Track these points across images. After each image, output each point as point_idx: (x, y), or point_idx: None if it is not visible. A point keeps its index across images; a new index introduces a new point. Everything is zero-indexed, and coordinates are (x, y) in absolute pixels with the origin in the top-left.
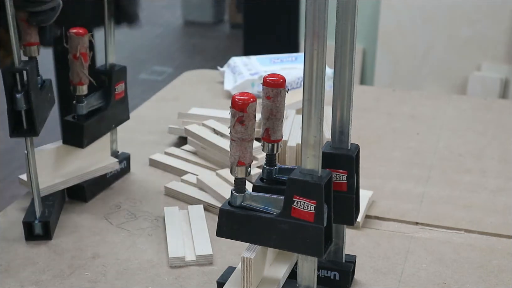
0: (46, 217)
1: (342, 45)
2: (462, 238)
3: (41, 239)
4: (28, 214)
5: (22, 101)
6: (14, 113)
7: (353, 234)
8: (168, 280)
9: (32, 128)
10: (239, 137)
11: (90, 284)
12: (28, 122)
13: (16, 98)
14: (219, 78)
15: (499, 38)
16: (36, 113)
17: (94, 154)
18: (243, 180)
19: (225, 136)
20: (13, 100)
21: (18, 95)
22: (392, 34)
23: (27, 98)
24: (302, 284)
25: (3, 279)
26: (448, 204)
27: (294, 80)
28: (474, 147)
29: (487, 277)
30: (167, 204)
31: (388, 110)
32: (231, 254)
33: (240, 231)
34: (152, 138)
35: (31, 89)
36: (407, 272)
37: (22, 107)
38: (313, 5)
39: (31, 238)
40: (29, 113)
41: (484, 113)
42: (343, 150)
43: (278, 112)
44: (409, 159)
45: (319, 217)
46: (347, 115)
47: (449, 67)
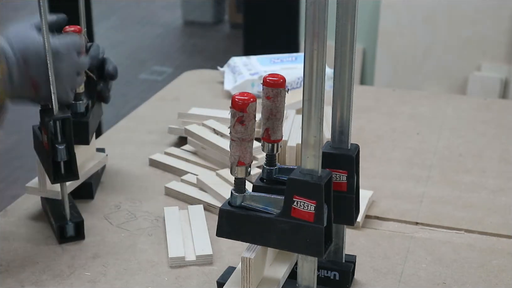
0: (76, 217)
1: (342, 45)
2: (462, 238)
3: (74, 240)
4: (57, 218)
5: (63, 153)
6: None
7: (353, 234)
8: (168, 280)
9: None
10: (239, 137)
11: (90, 284)
12: (67, 170)
13: (57, 149)
14: (219, 78)
15: (499, 38)
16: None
17: (84, 152)
18: (243, 180)
19: (225, 136)
20: (54, 152)
21: (60, 147)
22: (392, 34)
23: (68, 149)
24: (302, 284)
25: (3, 279)
26: (448, 204)
27: (294, 80)
28: (474, 147)
29: (487, 277)
30: (167, 204)
31: (388, 110)
32: (231, 254)
33: (240, 231)
34: (152, 138)
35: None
36: (407, 272)
37: (63, 159)
38: (313, 5)
39: (64, 240)
40: (69, 163)
41: (484, 113)
42: (343, 150)
43: (278, 112)
44: (409, 159)
45: (319, 217)
46: (347, 115)
47: (449, 67)
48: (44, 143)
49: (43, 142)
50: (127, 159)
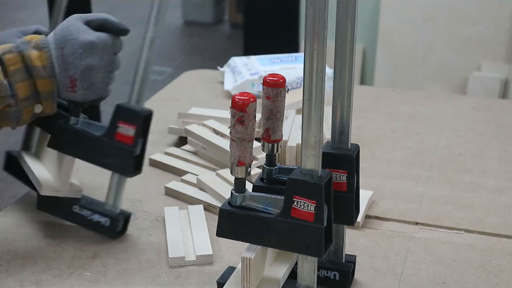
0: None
1: (342, 45)
2: (462, 238)
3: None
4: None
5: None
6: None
7: (353, 234)
8: (168, 280)
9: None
10: (239, 137)
11: (90, 284)
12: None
13: (138, 143)
14: (219, 78)
15: (499, 38)
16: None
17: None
18: (243, 180)
19: (225, 136)
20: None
21: (140, 140)
22: (392, 34)
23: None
24: (302, 284)
25: (3, 279)
26: (448, 204)
27: (294, 80)
28: (474, 147)
29: (487, 277)
30: (167, 204)
31: (388, 110)
32: (231, 254)
33: (240, 231)
34: (152, 138)
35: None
36: (407, 272)
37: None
38: (313, 5)
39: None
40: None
41: (484, 113)
42: (343, 150)
43: (278, 112)
44: (409, 159)
45: (319, 217)
46: (347, 115)
47: (449, 67)
48: (127, 137)
49: (127, 136)
50: None
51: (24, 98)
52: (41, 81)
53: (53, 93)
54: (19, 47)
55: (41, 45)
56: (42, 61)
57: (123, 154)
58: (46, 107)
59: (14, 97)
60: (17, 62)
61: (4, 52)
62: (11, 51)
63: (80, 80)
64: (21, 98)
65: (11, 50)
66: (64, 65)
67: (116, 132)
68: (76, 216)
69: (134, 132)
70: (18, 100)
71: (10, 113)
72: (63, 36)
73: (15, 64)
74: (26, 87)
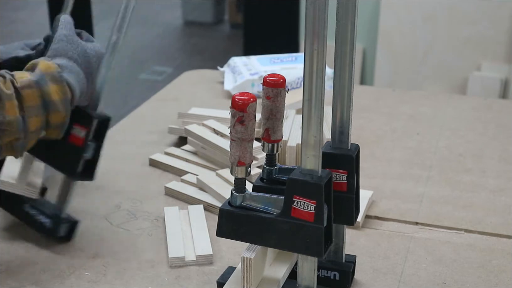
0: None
1: (342, 45)
2: (462, 238)
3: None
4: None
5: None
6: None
7: (353, 234)
8: (168, 280)
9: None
10: (239, 137)
11: (90, 284)
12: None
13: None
14: (219, 78)
15: (499, 38)
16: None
17: None
18: (243, 180)
19: (225, 136)
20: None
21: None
22: (392, 34)
23: (97, 149)
24: (302, 284)
25: (3, 279)
26: (448, 204)
27: (294, 80)
28: (474, 147)
29: (487, 277)
30: (167, 204)
31: (388, 110)
32: (231, 254)
33: (240, 231)
34: (152, 138)
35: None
36: (407, 272)
37: (87, 156)
38: (313, 5)
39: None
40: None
41: (484, 113)
42: (343, 150)
43: (278, 112)
44: (409, 159)
45: (319, 217)
46: (347, 115)
47: (449, 67)
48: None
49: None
50: (127, 159)
51: (34, 130)
52: (56, 114)
53: (63, 124)
54: (39, 82)
55: (58, 78)
56: (59, 95)
57: (72, 155)
58: (52, 133)
59: (25, 131)
60: (36, 98)
61: (23, 86)
62: (30, 86)
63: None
64: (31, 131)
65: (30, 84)
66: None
67: (70, 133)
68: (25, 214)
69: (85, 133)
70: (27, 133)
71: (17, 145)
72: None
73: (33, 100)
74: (39, 121)
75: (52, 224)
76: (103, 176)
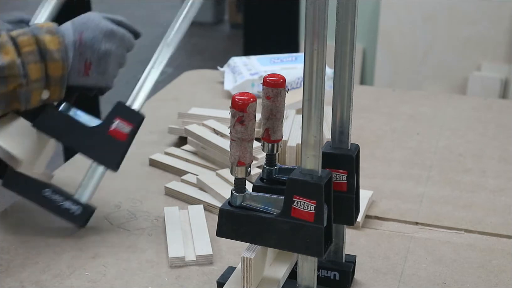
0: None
1: (342, 45)
2: (462, 238)
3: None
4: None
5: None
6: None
7: (353, 234)
8: (168, 280)
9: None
10: (239, 137)
11: (90, 284)
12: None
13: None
14: (219, 78)
15: (499, 38)
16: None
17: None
18: (243, 180)
19: (225, 136)
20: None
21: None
22: (392, 34)
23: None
24: (302, 284)
25: (3, 279)
26: (448, 204)
27: (294, 80)
28: (474, 147)
29: (487, 277)
30: (167, 204)
31: (388, 110)
32: (231, 254)
33: (240, 231)
34: (152, 138)
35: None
36: (407, 272)
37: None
38: (313, 5)
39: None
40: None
41: (484, 113)
42: (343, 150)
43: (278, 112)
44: (409, 159)
45: (319, 217)
46: (347, 115)
47: (449, 67)
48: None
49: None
50: (127, 159)
51: (35, 80)
52: (53, 64)
53: (63, 78)
54: (33, 31)
55: (54, 30)
56: (55, 45)
57: (114, 149)
58: (54, 93)
59: (26, 78)
60: (31, 44)
61: (18, 34)
62: (25, 33)
63: (96, 64)
64: (32, 79)
65: (25, 32)
66: (80, 48)
67: (111, 126)
68: (45, 200)
69: (129, 130)
70: (30, 81)
71: (21, 94)
72: (84, 23)
73: (29, 46)
74: (38, 69)
75: (82, 210)
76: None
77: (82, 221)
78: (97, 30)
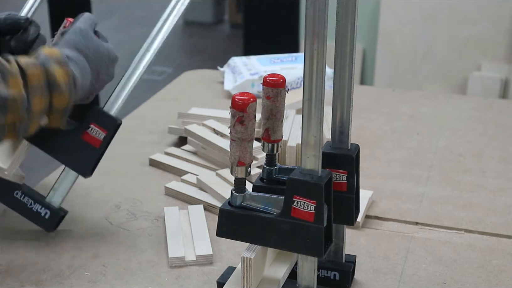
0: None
1: (342, 45)
2: (462, 238)
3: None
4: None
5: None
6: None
7: (353, 234)
8: (168, 280)
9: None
10: (239, 137)
11: (90, 284)
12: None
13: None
14: (219, 78)
15: (499, 38)
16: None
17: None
18: (243, 180)
19: (225, 136)
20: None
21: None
22: (392, 34)
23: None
24: (302, 284)
25: (3, 279)
26: (448, 204)
27: (294, 80)
28: (474, 147)
29: (487, 277)
30: (167, 204)
31: (388, 110)
32: (231, 254)
33: (240, 231)
34: (152, 138)
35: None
36: (407, 272)
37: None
38: (313, 5)
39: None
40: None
41: (484, 113)
42: (343, 150)
43: (278, 112)
44: (409, 159)
45: (319, 217)
46: (347, 115)
47: (449, 67)
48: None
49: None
50: (127, 159)
51: (37, 112)
52: (60, 96)
53: (65, 110)
54: (44, 63)
55: (62, 60)
56: (64, 78)
57: (87, 155)
58: (53, 121)
59: (28, 111)
60: (40, 78)
61: (28, 65)
62: (35, 65)
63: (96, 90)
64: (35, 112)
65: (35, 64)
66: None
67: (86, 132)
68: (17, 202)
69: (104, 136)
70: (31, 114)
71: (20, 127)
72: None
73: (38, 80)
74: (43, 102)
75: (50, 214)
76: (103, 176)
77: (51, 226)
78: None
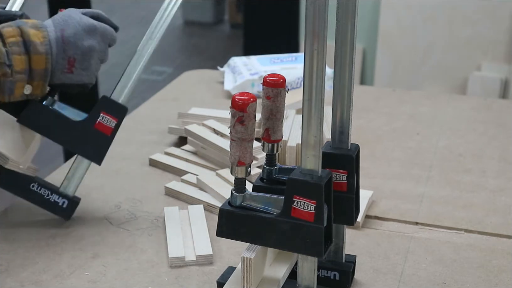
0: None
1: (342, 45)
2: (462, 238)
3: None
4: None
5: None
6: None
7: (353, 234)
8: (168, 280)
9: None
10: (239, 137)
11: (90, 284)
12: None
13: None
14: (219, 78)
15: (499, 38)
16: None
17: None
18: (243, 180)
19: (225, 136)
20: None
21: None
22: (392, 34)
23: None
24: (302, 284)
25: (3, 279)
26: (448, 204)
27: (294, 80)
28: (474, 147)
29: (487, 277)
30: (167, 204)
31: (388, 110)
32: (231, 254)
33: (240, 231)
34: (152, 138)
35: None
36: (407, 272)
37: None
38: (313, 5)
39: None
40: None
41: (484, 113)
42: (343, 150)
43: (278, 112)
44: (409, 159)
45: (319, 217)
46: (347, 115)
47: (449, 67)
48: (107, 128)
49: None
50: (127, 159)
51: (19, 71)
52: (37, 57)
53: (46, 72)
54: (18, 23)
55: (39, 25)
56: (40, 38)
57: (100, 143)
58: (37, 88)
59: (11, 68)
60: (16, 35)
61: (3, 26)
62: (9, 25)
63: (79, 60)
64: (16, 70)
65: (9, 24)
66: (63, 45)
67: (97, 121)
68: (33, 194)
69: (115, 124)
70: (14, 72)
71: (6, 84)
72: (64, 20)
73: (14, 37)
74: (22, 61)
75: (68, 203)
76: (103, 176)
77: (70, 214)
78: (79, 27)
